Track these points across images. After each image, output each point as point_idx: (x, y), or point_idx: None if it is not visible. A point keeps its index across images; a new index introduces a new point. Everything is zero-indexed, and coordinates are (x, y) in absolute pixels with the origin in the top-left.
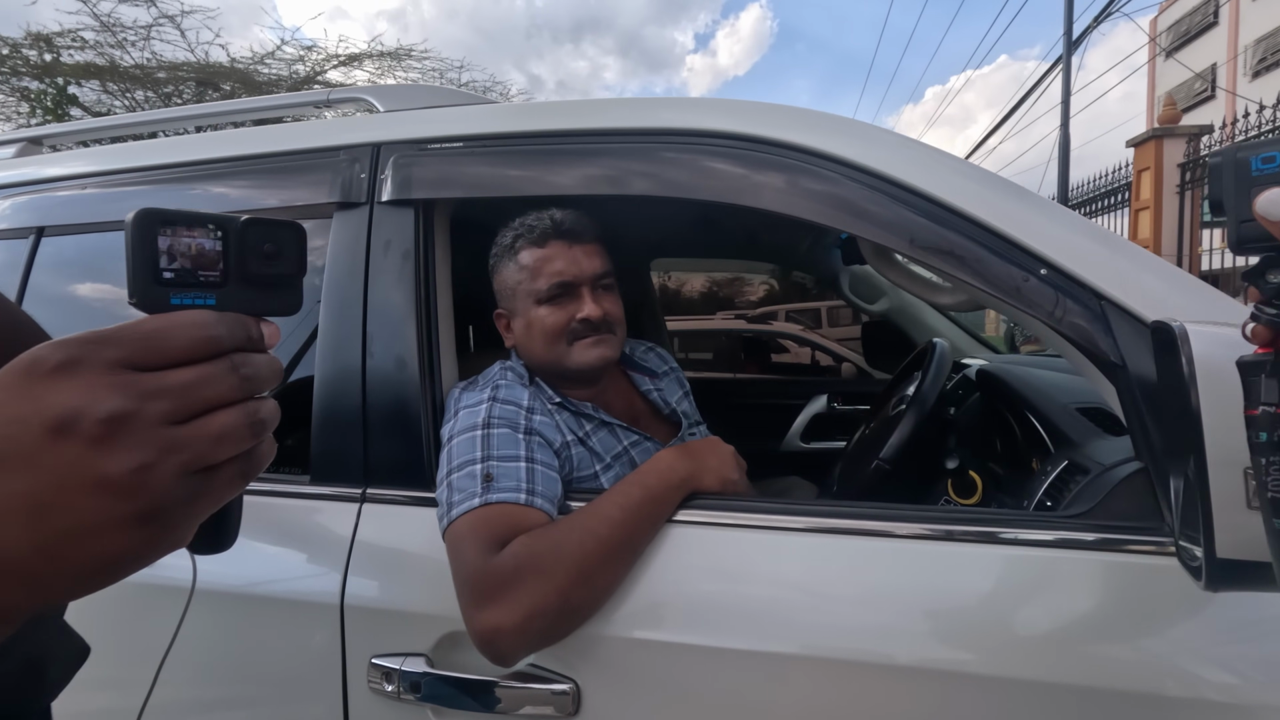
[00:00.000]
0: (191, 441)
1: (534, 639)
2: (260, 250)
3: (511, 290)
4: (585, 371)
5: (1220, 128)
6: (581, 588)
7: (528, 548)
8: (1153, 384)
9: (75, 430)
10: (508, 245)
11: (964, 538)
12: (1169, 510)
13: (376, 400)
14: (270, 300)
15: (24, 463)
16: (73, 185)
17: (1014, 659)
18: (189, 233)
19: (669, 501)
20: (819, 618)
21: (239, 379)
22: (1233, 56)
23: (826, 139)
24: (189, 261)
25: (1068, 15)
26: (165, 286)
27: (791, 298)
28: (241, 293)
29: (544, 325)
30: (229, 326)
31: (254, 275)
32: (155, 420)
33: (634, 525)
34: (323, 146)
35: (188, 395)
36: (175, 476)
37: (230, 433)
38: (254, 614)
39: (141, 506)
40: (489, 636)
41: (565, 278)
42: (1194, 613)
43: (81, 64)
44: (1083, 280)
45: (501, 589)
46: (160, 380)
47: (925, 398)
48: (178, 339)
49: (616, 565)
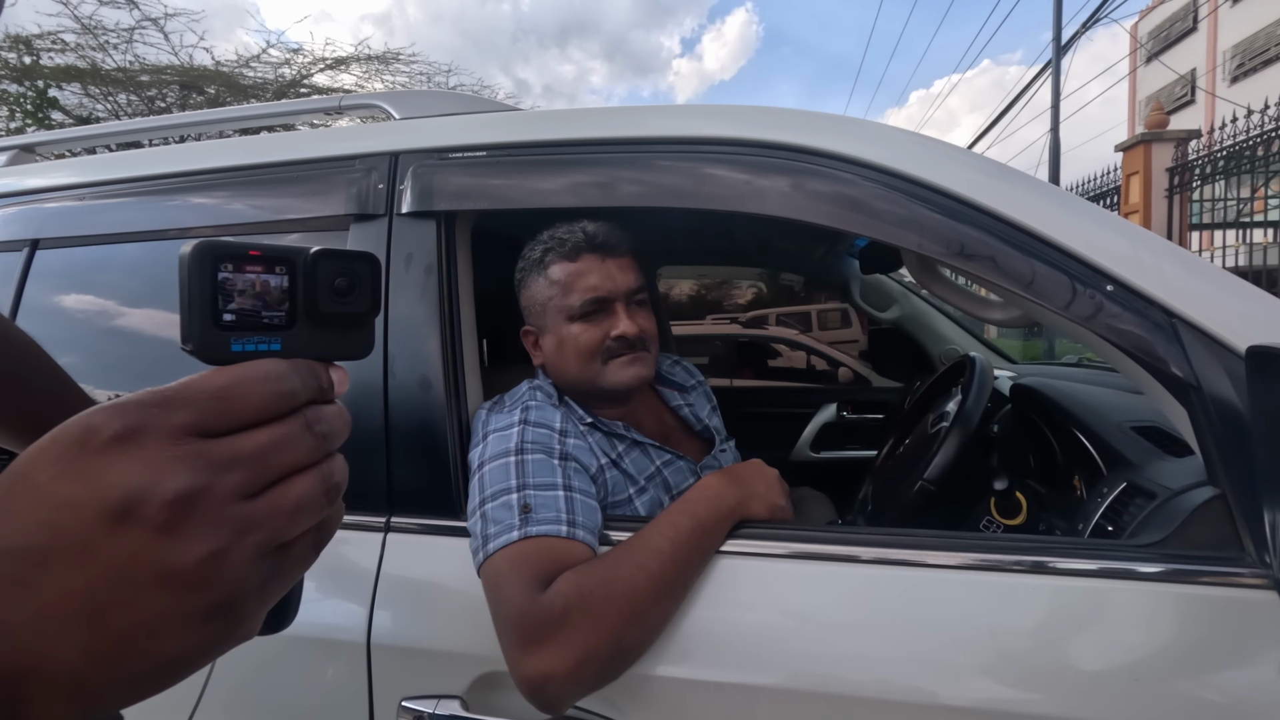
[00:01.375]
0: (268, 518)
1: (587, 683)
2: (331, 286)
3: (541, 306)
4: (620, 391)
5: (1208, 132)
6: (634, 627)
7: (576, 586)
8: (1232, 407)
9: (140, 515)
10: (537, 259)
11: (1063, 571)
12: (1253, 540)
13: (400, 423)
14: (341, 343)
15: (78, 556)
16: (70, 196)
17: (1092, 698)
18: (252, 268)
19: (718, 531)
20: (891, 653)
21: (315, 438)
22: (1212, 68)
23: (914, 162)
24: (252, 301)
25: (1056, 20)
26: (225, 331)
27: (781, 301)
28: (310, 335)
29: (577, 343)
30: (303, 378)
31: (324, 315)
32: (229, 497)
33: (684, 558)
34: (337, 155)
35: (264, 464)
36: (250, 561)
37: (308, 503)
38: (274, 654)
39: (213, 599)
40: (539, 683)
41: (599, 293)
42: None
43: (62, 67)
44: (1152, 297)
45: (550, 631)
46: (233, 448)
47: (970, 416)
48: (251, 397)
49: (668, 601)
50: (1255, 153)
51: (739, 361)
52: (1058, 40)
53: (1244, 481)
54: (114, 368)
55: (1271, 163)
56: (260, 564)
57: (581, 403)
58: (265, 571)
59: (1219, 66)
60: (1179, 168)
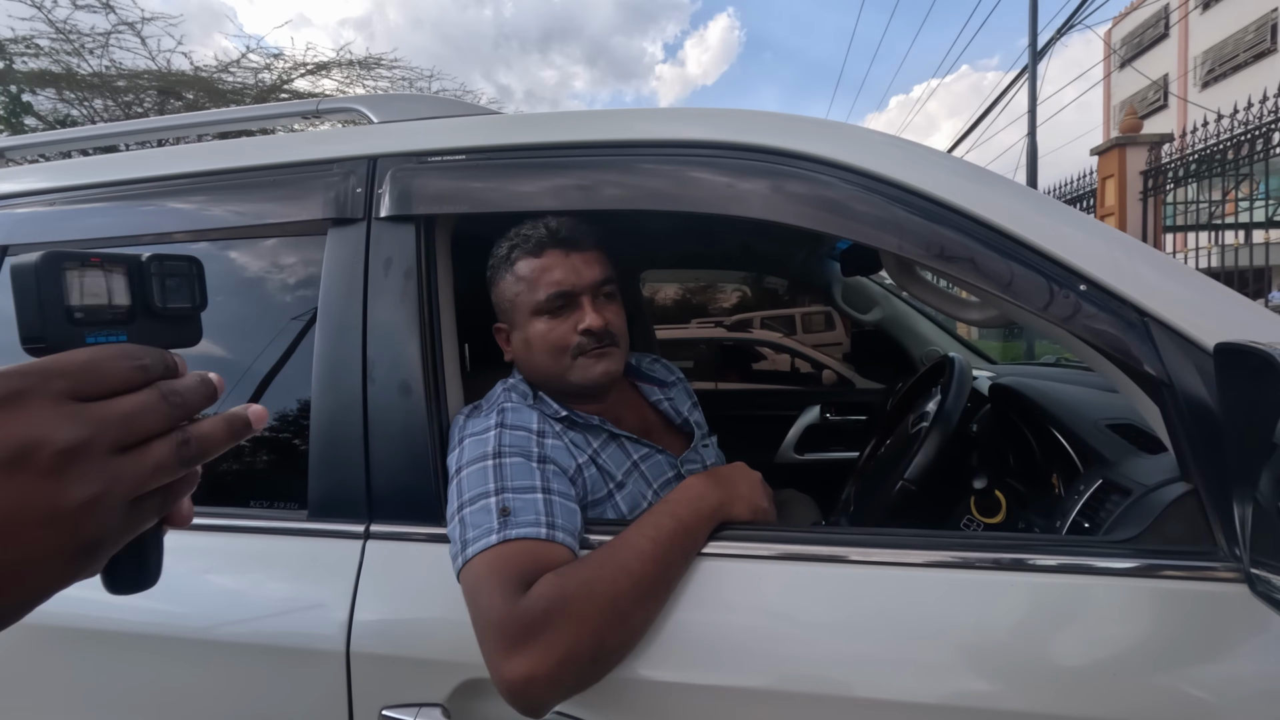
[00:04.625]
0: (133, 472)
1: (569, 686)
2: (164, 285)
3: (510, 303)
4: (589, 388)
5: (1180, 136)
6: (616, 628)
7: (556, 588)
8: (1202, 403)
9: (33, 462)
10: (504, 256)
11: (1041, 568)
12: (1224, 534)
13: (379, 429)
14: (177, 334)
15: None
16: (42, 201)
17: (1072, 693)
18: (95, 272)
19: (700, 532)
20: (874, 653)
21: (170, 406)
22: (1184, 73)
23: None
24: (97, 299)
25: (1032, 26)
26: (78, 326)
27: (765, 304)
28: (150, 328)
29: (545, 339)
30: (153, 356)
31: (159, 310)
32: (105, 450)
33: (667, 559)
34: (314, 159)
35: (130, 425)
36: (118, 508)
37: (165, 462)
38: (251, 663)
39: (84, 539)
40: (520, 686)
41: (564, 287)
42: (1260, 640)
43: (36, 71)
44: (1126, 297)
45: (531, 634)
46: (105, 410)
47: (949, 415)
48: (113, 369)
49: (651, 602)
50: (1226, 156)
51: (724, 365)
52: (1033, 46)
53: (1215, 476)
54: None
55: (1241, 166)
56: (122, 512)
57: (555, 397)
58: (124, 520)
59: (1190, 72)
60: (1153, 171)
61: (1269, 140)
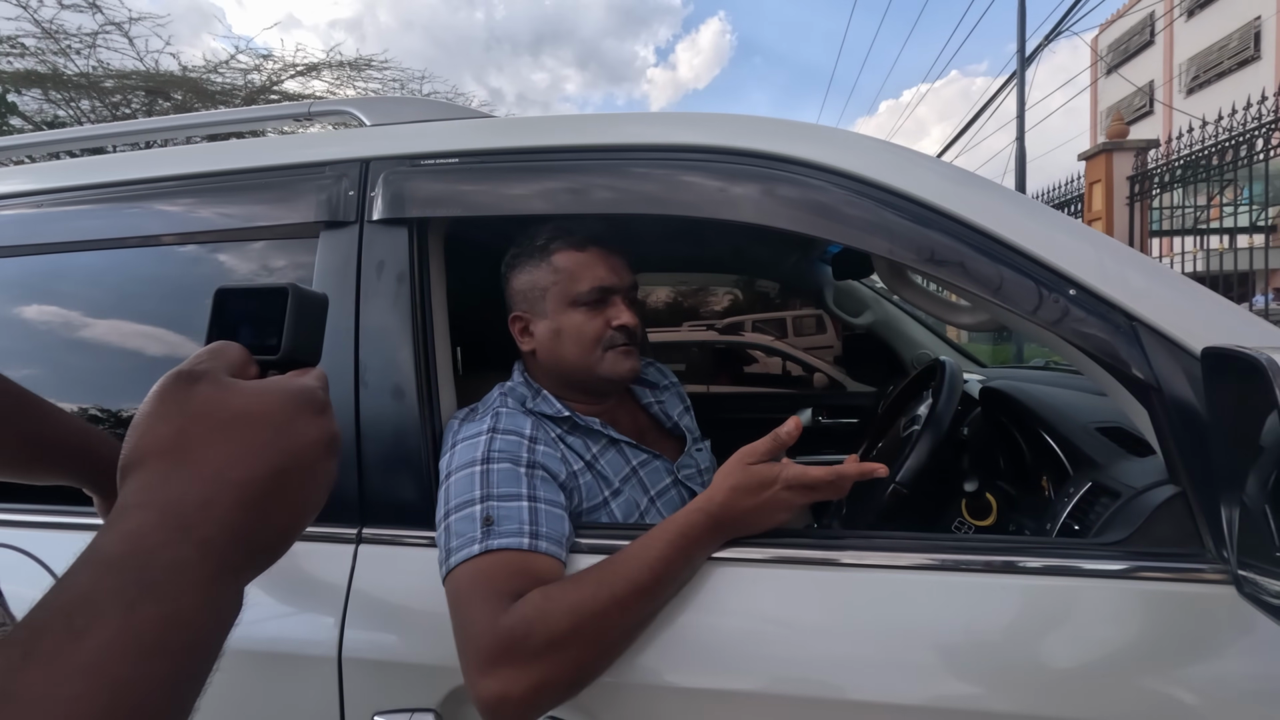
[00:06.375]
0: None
1: (543, 708)
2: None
3: (541, 291)
4: (614, 382)
5: (1166, 142)
6: (599, 659)
7: (541, 611)
8: (1189, 407)
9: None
10: (540, 246)
11: (1031, 570)
12: (1212, 536)
13: (372, 433)
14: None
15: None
16: (28, 202)
17: (1063, 695)
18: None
19: (700, 559)
20: (867, 655)
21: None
22: (1169, 80)
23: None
24: None
25: (1020, 33)
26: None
27: (757, 307)
28: None
29: (580, 330)
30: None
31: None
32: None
33: (661, 590)
34: (306, 162)
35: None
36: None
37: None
38: (240, 669)
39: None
40: (493, 704)
41: (606, 283)
42: (1247, 641)
43: (22, 71)
44: (1113, 301)
45: (510, 654)
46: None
47: (940, 418)
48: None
49: (638, 631)
50: (1210, 162)
51: (716, 368)
52: (1021, 52)
53: (1203, 479)
54: (75, 380)
55: (1226, 172)
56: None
57: (561, 395)
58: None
59: (1176, 78)
60: (1139, 176)
61: (1253, 146)
